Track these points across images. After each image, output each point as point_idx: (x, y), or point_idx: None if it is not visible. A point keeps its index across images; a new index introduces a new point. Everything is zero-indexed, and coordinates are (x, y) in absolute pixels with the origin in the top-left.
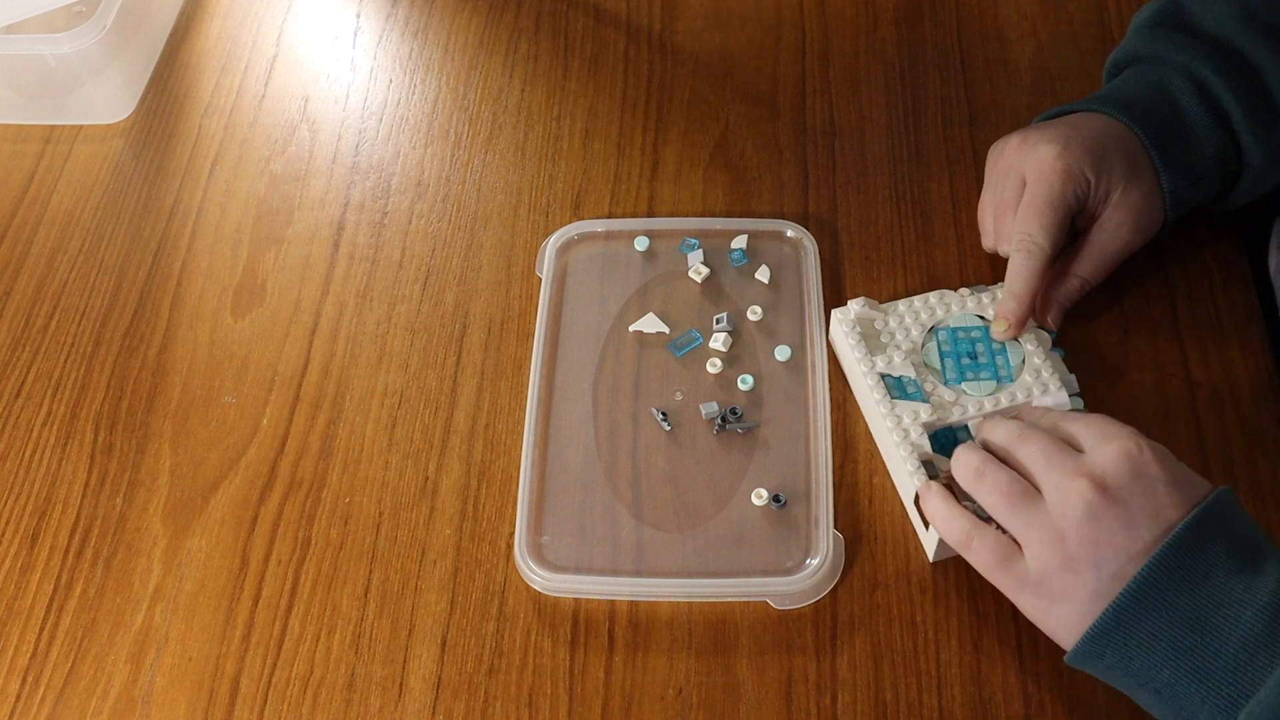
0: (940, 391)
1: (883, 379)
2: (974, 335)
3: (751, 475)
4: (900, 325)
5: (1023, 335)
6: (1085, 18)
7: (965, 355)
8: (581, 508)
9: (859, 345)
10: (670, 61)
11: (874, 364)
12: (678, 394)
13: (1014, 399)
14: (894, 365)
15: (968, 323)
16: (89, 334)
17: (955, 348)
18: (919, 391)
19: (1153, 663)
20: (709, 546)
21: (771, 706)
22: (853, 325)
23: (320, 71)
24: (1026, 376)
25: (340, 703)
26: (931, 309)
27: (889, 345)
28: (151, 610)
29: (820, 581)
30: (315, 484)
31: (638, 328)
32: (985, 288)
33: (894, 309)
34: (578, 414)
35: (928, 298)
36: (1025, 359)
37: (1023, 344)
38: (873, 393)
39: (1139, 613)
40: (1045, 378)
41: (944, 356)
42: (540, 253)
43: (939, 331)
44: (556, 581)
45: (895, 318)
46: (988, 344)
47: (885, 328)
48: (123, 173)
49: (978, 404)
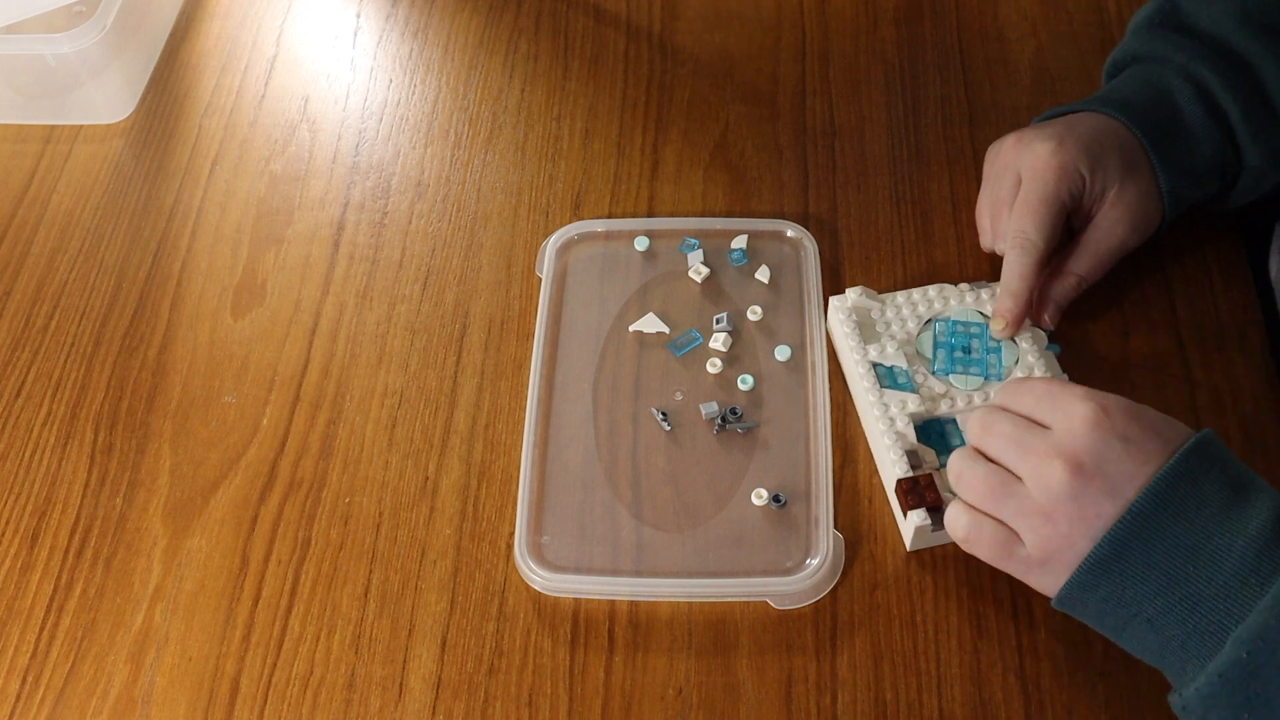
0: (930, 383)
1: (874, 367)
2: (972, 330)
3: (751, 475)
4: (897, 316)
5: (1019, 333)
6: (1085, 18)
7: (959, 349)
8: (581, 508)
9: (854, 333)
10: (670, 61)
11: (866, 352)
12: (678, 394)
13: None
14: (886, 355)
15: (967, 317)
16: (89, 334)
17: (950, 340)
18: (909, 382)
19: (1146, 592)
20: (709, 546)
21: (771, 706)
22: (849, 313)
23: (320, 71)
24: (1017, 373)
25: (340, 703)
26: (930, 301)
27: (884, 335)
28: (151, 610)
29: (820, 581)
30: (315, 484)
31: (638, 328)
32: (986, 284)
33: (892, 300)
34: (578, 414)
35: (926, 290)
36: (1019, 357)
37: (1018, 342)
38: (863, 380)
39: (1135, 544)
40: (1036, 375)
41: (938, 347)
42: (540, 253)
43: (937, 323)
44: (556, 581)
45: (893, 308)
46: (984, 340)
47: (882, 317)
48: (123, 173)
49: (966, 397)
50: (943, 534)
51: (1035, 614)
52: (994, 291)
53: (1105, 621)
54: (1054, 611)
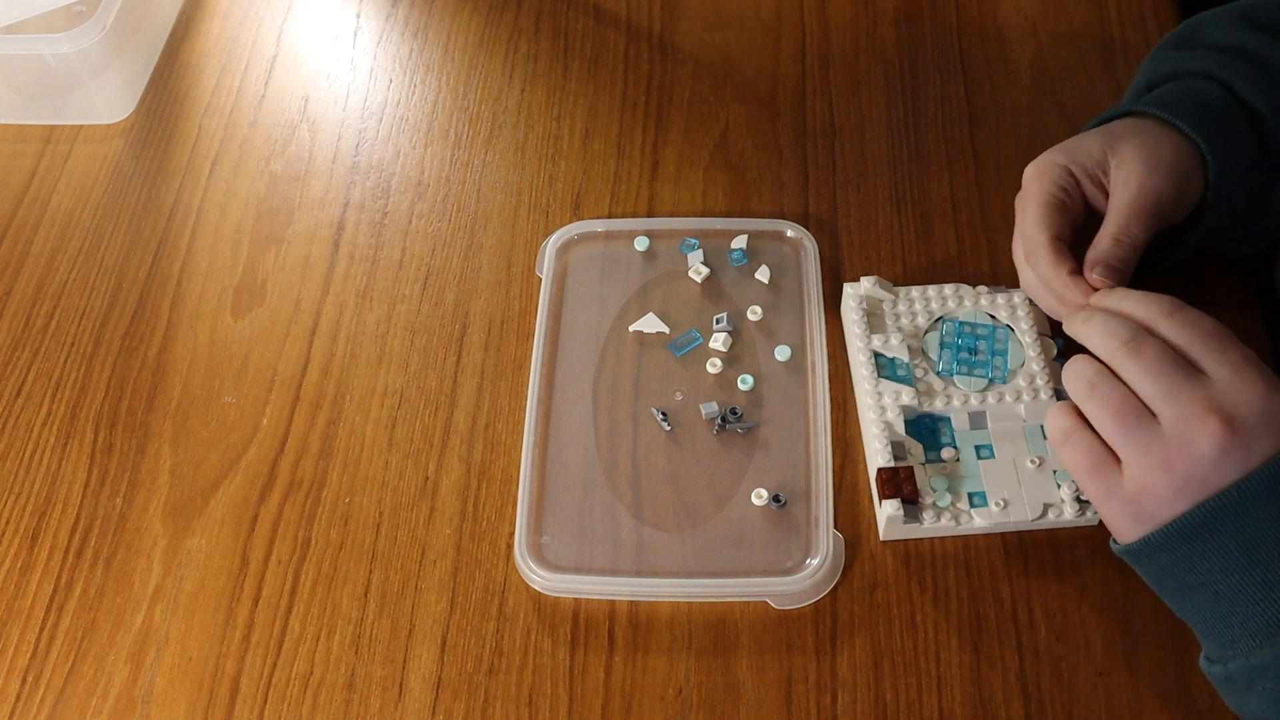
0: (930, 379)
1: (875, 356)
2: (979, 332)
3: (751, 475)
4: (908, 310)
5: (1028, 340)
6: (1085, 18)
7: (965, 350)
8: (581, 508)
9: (861, 321)
10: (670, 61)
11: (870, 341)
12: (678, 394)
13: (1001, 399)
14: (890, 346)
15: (976, 319)
16: (89, 334)
17: (957, 340)
18: (908, 375)
19: (1224, 567)
20: (709, 546)
21: (771, 706)
22: (860, 301)
23: (320, 71)
24: (1020, 381)
25: (340, 703)
26: (944, 299)
27: (891, 327)
28: (151, 610)
29: (820, 581)
30: (315, 484)
31: (638, 328)
32: (1004, 288)
33: (905, 293)
34: (578, 414)
35: (942, 288)
36: (1025, 363)
37: (1025, 349)
38: (862, 369)
39: (1230, 519)
40: (1039, 384)
41: (943, 347)
42: (540, 253)
43: (945, 322)
44: (556, 581)
45: (905, 302)
46: (990, 343)
47: (893, 309)
48: (123, 173)
49: (963, 397)
50: (915, 527)
51: (1035, 614)
52: (1009, 297)
53: (1166, 581)
54: (1054, 611)
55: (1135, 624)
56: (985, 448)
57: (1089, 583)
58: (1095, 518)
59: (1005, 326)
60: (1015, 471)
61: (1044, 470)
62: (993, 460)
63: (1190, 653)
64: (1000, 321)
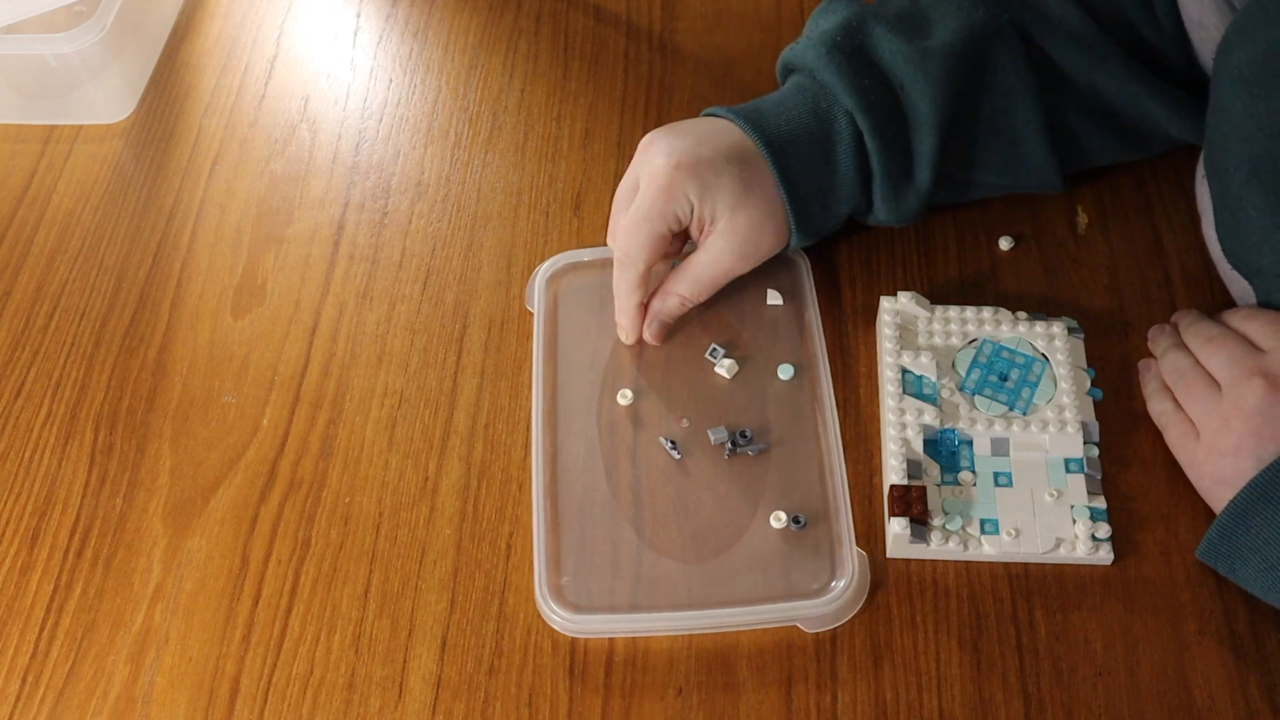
0: (955, 398)
1: (903, 373)
2: (1017, 360)
3: (768, 498)
4: (943, 329)
5: (1062, 372)
6: None
7: (997, 374)
8: (599, 545)
9: (893, 335)
10: (670, 61)
11: (900, 356)
12: (684, 421)
13: (1026, 428)
14: (919, 364)
15: (1018, 346)
16: (89, 334)
17: (992, 363)
18: (934, 395)
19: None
20: (734, 574)
21: (771, 706)
22: (894, 315)
23: (320, 71)
24: (1048, 412)
25: (340, 703)
26: (981, 321)
27: (923, 345)
28: (151, 610)
29: (849, 601)
30: (315, 484)
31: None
32: (1045, 317)
33: (943, 312)
34: (582, 447)
35: (981, 310)
36: (1053, 397)
37: (1058, 380)
38: (889, 384)
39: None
40: (1067, 417)
41: (975, 365)
42: (530, 285)
43: (985, 342)
44: (582, 623)
45: (941, 320)
46: (1025, 372)
47: (927, 327)
48: (123, 173)
49: (987, 421)
50: (922, 547)
51: (1035, 613)
52: (1049, 327)
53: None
54: (1054, 611)
55: (1135, 624)
56: (1004, 475)
57: (1089, 583)
58: (1108, 557)
59: (1042, 358)
60: (1032, 502)
61: (1061, 503)
62: (1010, 489)
63: (1190, 653)
64: (1038, 352)
